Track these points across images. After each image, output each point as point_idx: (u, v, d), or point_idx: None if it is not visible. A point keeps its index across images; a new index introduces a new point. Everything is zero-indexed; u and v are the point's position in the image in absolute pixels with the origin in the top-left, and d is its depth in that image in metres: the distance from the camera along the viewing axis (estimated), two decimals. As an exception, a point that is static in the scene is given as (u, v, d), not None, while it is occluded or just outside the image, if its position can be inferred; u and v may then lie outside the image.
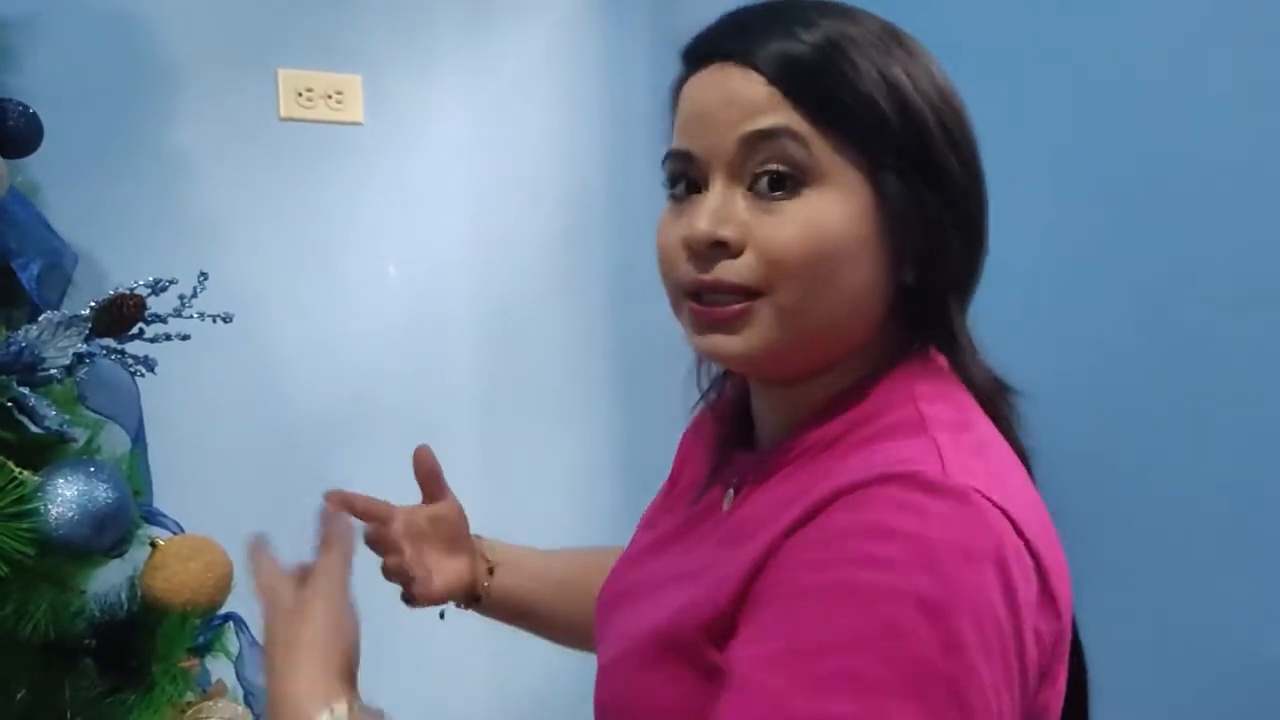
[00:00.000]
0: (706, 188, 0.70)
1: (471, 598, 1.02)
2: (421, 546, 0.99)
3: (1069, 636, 0.67)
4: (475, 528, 1.97)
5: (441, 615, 1.03)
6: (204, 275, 1.18)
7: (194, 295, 1.17)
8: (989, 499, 0.60)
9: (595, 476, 2.03)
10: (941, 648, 0.56)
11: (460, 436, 1.90)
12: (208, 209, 1.72)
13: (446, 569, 0.99)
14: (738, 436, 0.81)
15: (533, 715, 1.90)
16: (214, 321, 1.17)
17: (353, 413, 1.81)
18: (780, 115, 0.66)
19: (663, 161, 0.73)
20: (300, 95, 1.77)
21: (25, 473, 1.10)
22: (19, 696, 1.10)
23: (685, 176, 0.71)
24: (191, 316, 1.17)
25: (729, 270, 0.68)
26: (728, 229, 0.67)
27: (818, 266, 0.66)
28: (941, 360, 0.72)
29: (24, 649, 1.10)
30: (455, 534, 1.01)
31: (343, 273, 1.81)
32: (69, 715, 1.09)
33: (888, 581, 0.57)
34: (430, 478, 1.03)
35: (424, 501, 1.03)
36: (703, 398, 0.87)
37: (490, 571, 1.02)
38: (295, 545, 1.76)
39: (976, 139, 0.72)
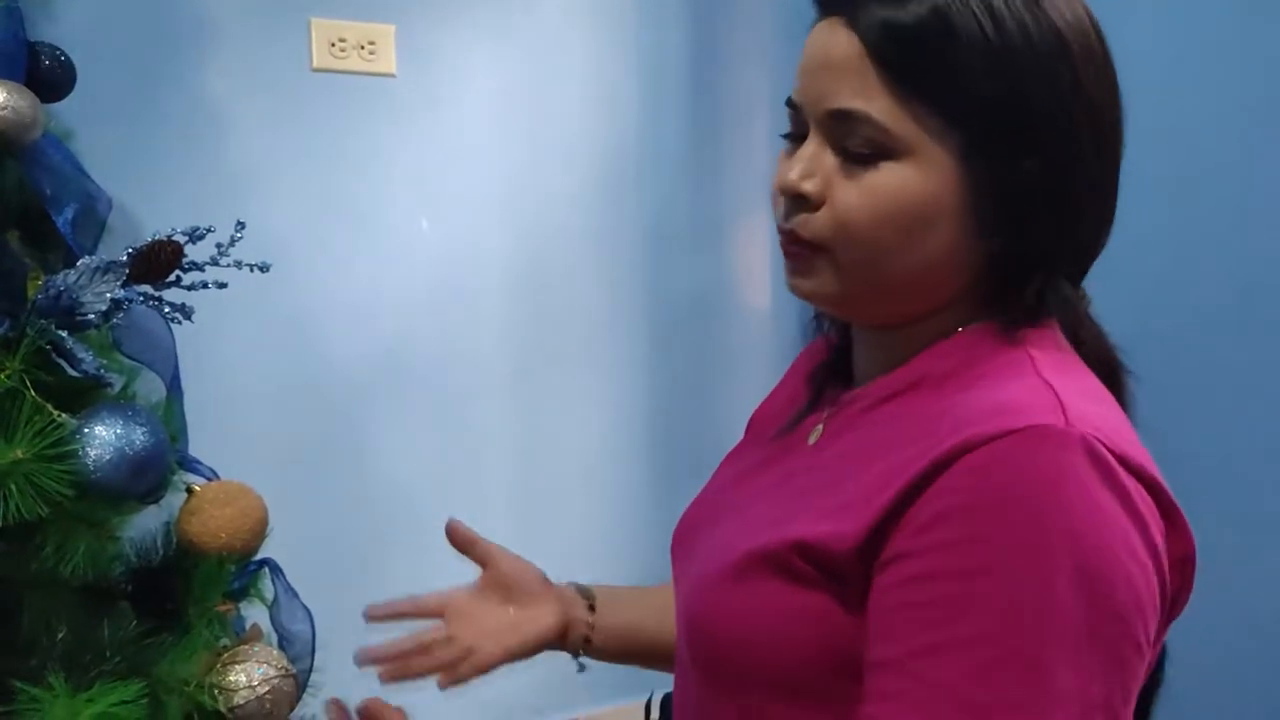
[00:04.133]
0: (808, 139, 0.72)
1: (576, 643, 0.97)
2: (477, 619, 0.94)
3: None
4: (506, 484, 1.98)
5: (580, 669, 0.98)
6: (241, 224, 1.17)
7: (231, 244, 1.17)
8: (1108, 446, 0.61)
9: (627, 433, 2.03)
10: (1099, 614, 0.58)
11: (491, 391, 1.90)
12: (238, 159, 1.72)
13: (516, 633, 0.93)
14: (834, 375, 0.82)
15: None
16: (251, 271, 1.17)
17: (384, 365, 1.82)
18: (865, 97, 0.67)
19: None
20: (333, 46, 1.76)
21: (63, 415, 1.11)
22: (60, 636, 1.12)
23: (796, 123, 0.73)
24: (228, 265, 1.17)
25: (804, 223, 0.70)
26: (810, 184, 0.69)
27: (881, 234, 0.68)
28: (1055, 327, 0.72)
29: (64, 590, 1.12)
30: (527, 588, 0.96)
31: (374, 225, 1.81)
32: (108, 655, 1.10)
33: (1032, 557, 0.58)
34: (467, 546, 0.99)
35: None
36: (819, 331, 0.86)
37: (591, 609, 0.97)
38: (324, 492, 1.78)
39: (1107, 106, 0.70)
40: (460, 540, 0.99)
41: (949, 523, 0.60)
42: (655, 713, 1.73)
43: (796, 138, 0.72)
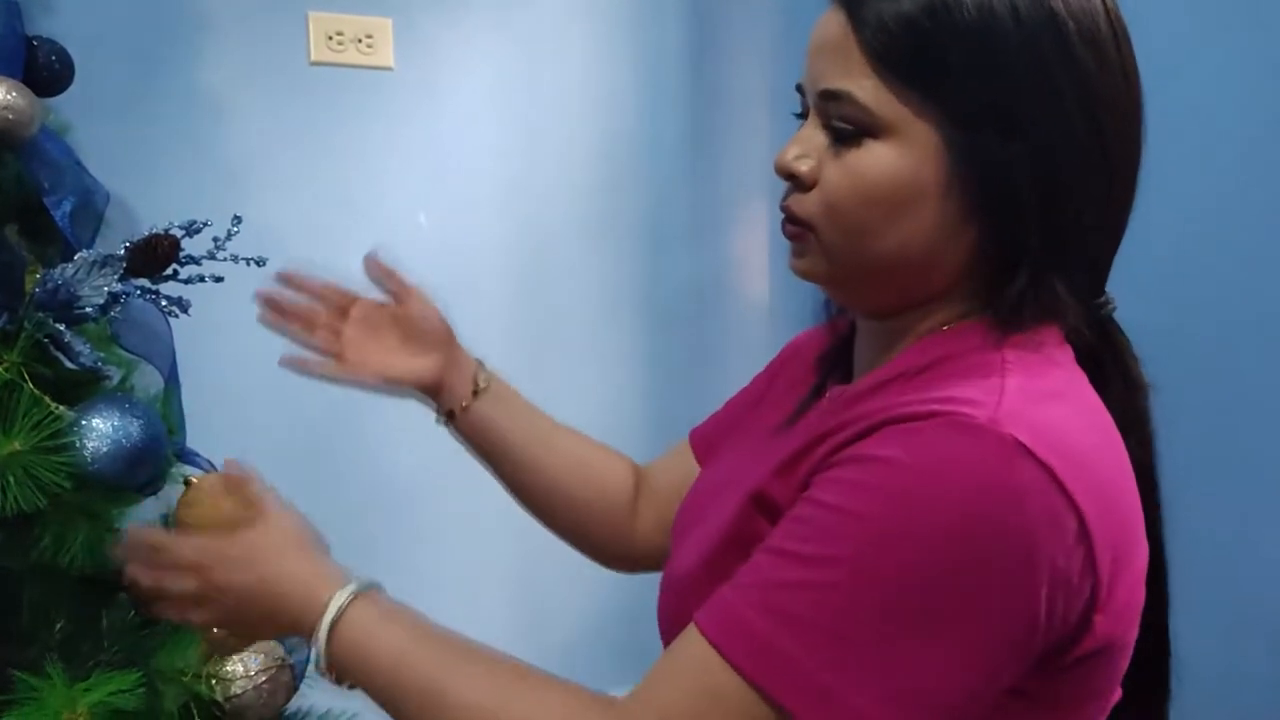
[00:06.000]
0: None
1: (446, 413, 1.03)
2: (370, 336, 1.01)
3: (1137, 601, 0.67)
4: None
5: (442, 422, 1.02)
6: (238, 219, 1.18)
7: (228, 238, 1.18)
8: (1031, 451, 0.60)
9: (624, 424, 2.02)
10: (948, 594, 0.59)
11: (487, 384, 1.91)
12: (237, 152, 1.72)
13: (399, 362, 1.00)
14: (835, 369, 0.83)
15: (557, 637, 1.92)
16: (248, 265, 1.18)
17: (381, 358, 1.82)
18: (850, 77, 0.68)
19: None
20: (331, 39, 1.76)
21: (61, 408, 1.12)
22: (58, 626, 1.12)
23: (802, 105, 0.74)
24: (225, 259, 1.18)
25: (797, 202, 0.72)
26: (804, 164, 0.71)
27: (864, 214, 0.68)
28: (1057, 330, 0.71)
29: (62, 580, 1.13)
30: (426, 337, 1.02)
31: (372, 219, 1.81)
32: (105, 645, 1.11)
33: (906, 527, 0.60)
34: (385, 277, 1.04)
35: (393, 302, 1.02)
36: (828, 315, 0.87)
37: (475, 394, 1.02)
38: (322, 484, 1.78)
39: (1113, 96, 0.68)
40: (376, 271, 1.04)
41: (849, 466, 0.63)
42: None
43: (803, 119, 0.73)
